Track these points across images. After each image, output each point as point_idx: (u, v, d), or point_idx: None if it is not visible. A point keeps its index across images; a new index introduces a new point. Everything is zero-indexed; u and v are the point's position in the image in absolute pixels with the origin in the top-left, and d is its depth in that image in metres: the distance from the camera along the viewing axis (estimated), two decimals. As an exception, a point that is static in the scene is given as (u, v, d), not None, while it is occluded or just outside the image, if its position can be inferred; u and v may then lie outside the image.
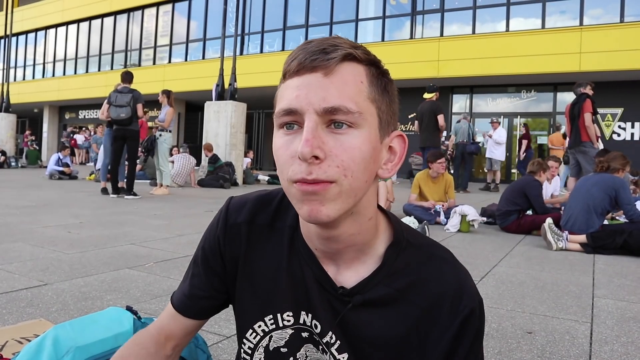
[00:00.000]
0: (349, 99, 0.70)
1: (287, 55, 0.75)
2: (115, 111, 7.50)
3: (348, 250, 0.81)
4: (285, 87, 0.73)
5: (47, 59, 27.85)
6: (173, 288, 2.69)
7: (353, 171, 0.70)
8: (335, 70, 0.70)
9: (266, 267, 0.89)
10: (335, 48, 0.71)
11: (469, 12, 16.04)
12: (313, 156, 0.68)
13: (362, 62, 0.73)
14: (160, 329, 0.96)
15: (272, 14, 19.99)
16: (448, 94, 16.80)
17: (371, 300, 0.82)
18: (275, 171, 7.26)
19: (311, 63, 0.70)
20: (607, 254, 4.32)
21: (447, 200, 6.16)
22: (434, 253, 0.85)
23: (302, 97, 0.70)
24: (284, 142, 0.73)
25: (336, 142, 0.70)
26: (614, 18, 14.11)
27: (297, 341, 0.88)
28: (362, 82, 0.72)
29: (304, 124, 0.70)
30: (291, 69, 0.72)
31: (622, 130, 14.60)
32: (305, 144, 0.67)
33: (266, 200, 0.93)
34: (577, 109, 6.82)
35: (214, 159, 11.15)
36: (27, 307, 2.25)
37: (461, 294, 0.81)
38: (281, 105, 0.72)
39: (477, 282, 3.14)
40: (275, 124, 0.75)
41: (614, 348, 2.07)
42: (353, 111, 0.70)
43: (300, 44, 0.77)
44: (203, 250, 0.94)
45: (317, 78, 0.70)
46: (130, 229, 4.65)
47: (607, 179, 4.71)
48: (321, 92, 0.69)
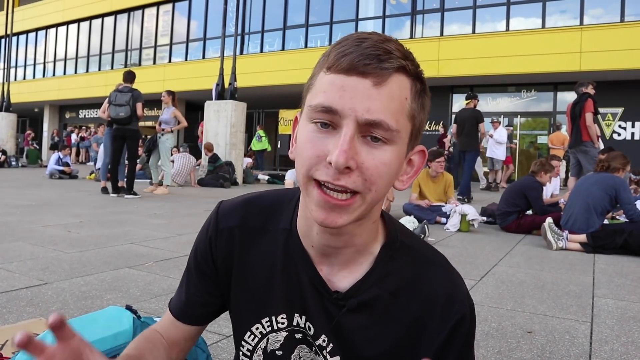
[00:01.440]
0: (392, 116, 0.69)
1: (335, 43, 0.73)
2: (114, 110, 7.50)
3: (346, 251, 0.81)
4: (329, 82, 0.70)
5: (48, 58, 27.85)
6: (173, 287, 2.69)
7: (378, 185, 0.71)
8: (385, 82, 0.68)
9: (260, 270, 0.89)
10: (389, 56, 0.69)
11: (469, 11, 16.03)
12: (346, 167, 0.67)
13: (410, 75, 0.72)
14: (163, 333, 0.96)
15: (272, 14, 19.98)
16: (448, 94, 16.79)
17: (364, 303, 0.82)
18: (275, 170, 7.28)
19: (364, 68, 0.67)
20: (607, 253, 4.32)
21: (447, 200, 6.16)
22: (427, 257, 0.86)
23: (346, 100, 0.68)
24: (313, 138, 0.71)
25: (368, 154, 0.69)
26: (615, 17, 14.10)
27: (291, 343, 0.88)
28: (406, 98, 0.71)
29: (342, 128, 0.68)
30: (340, 65, 0.69)
31: (622, 130, 14.59)
32: (341, 154, 0.66)
33: (256, 203, 0.92)
34: (578, 109, 6.81)
35: (214, 159, 11.15)
36: (27, 306, 2.25)
37: (453, 300, 0.81)
38: (320, 99, 0.70)
39: (477, 282, 3.14)
40: (306, 116, 0.73)
41: (614, 347, 2.07)
42: (392, 129, 0.69)
43: (346, 35, 0.74)
44: (195, 257, 0.93)
45: (366, 86, 0.68)
46: (130, 228, 4.65)
47: (607, 179, 4.70)
48: (367, 102, 0.67)
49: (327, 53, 0.73)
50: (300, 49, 18.87)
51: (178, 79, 20.94)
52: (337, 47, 0.71)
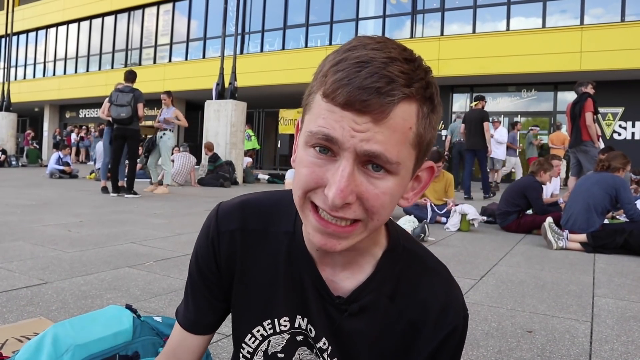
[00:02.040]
0: (393, 148, 0.65)
1: (332, 61, 0.67)
2: (115, 110, 7.50)
3: (349, 253, 0.82)
4: (327, 110, 0.66)
5: (48, 58, 27.87)
6: (173, 287, 2.69)
7: (380, 214, 0.70)
8: (387, 117, 0.64)
9: (263, 273, 0.88)
10: (392, 87, 0.63)
11: (469, 11, 16.03)
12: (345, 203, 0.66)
13: (417, 101, 0.67)
14: (174, 351, 0.95)
15: (272, 13, 19.99)
16: (448, 93, 16.80)
17: (365, 307, 0.83)
18: (275, 170, 7.28)
19: (361, 105, 0.63)
20: (608, 253, 4.31)
21: (447, 200, 6.15)
22: (428, 264, 0.86)
23: (345, 132, 0.64)
24: (312, 163, 0.68)
25: (369, 185, 0.67)
26: (615, 17, 14.10)
27: (292, 345, 0.89)
28: (410, 127, 0.67)
29: (341, 159, 0.66)
30: (337, 98, 0.64)
31: (622, 130, 14.60)
32: (337, 195, 0.64)
33: (255, 205, 0.91)
34: (578, 108, 6.81)
35: (214, 158, 11.15)
36: (27, 306, 2.25)
37: (448, 309, 0.82)
38: (318, 126, 0.66)
39: (477, 281, 3.14)
40: (305, 139, 0.69)
41: (614, 347, 2.07)
42: (392, 162, 0.66)
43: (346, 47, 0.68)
44: (197, 264, 0.92)
45: (365, 121, 0.64)
46: (130, 227, 4.65)
47: (607, 178, 4.70)
48: (366, 135, 0.64)
49: (325, 73, 0.67)
50: (301, 49, 18.87)
51: (178, 78, 20.95)
52: (334, 69, 0.66)
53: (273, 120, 21.14)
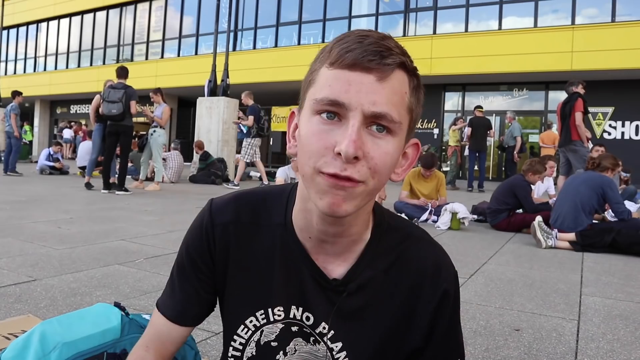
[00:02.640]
0: (395, 108, 0.72)
1: (336, 39, 0.75)
2: (107, 107, 7.46)
3: (342, 241, 0.84)
4: (333, 77, 0.72)
5: (39, 53, 27.63)
6: (163, 284, 2.68)
7: (380, 174, 0.74)
8: (388, 77, 0.72)
9: (257, 265, 0.90)
10: (391, 53, 0.72)
11: (461, 10, 16.07)
12: (354, 157, 0.70)
13: (408, 71, 0.75)
14: (152, 342, 0.94)
15: (265, 10, 19.93)
16: (440, 92, 16.84)
17: (362, 285, 0.87)
18: (267, 167, 7.26)
19: (368, 63, 0.70)
20: (596, 252, 4.35)
21: (439, 198, 6.16)
22: (411, 233, 0.92)
23: (352, 94, 0.70)
24: (320, 131, 0.72)
25: (374, 145, 0.72)
26: (606, 18, 14.20)
27: (287, 335, 0.90)
28: (406, 92, 0.75)
29: (348, 120, 0.71)
30: (344, 61, 0.71)
31: (612, 129, 14.71)
32: (350, 144, 0.69)
33: (247, 199, 0.93)
34: (568, 108, 6.85)
35: (204, 156, 11.10)
36: (15, 303, 2.24)
37: (439, 270, 0.88)
38: (326, 93, 0.72)
39: (466, 280, 3.16)
40: (310, 109, 0.74)
41: (600, 345, 2.10)
42: (396, 120, 0.72)
43: (347, 31, 0.77)
44: (188, 254, 0.93)
45: (370, 80, 0.70)
46: (120, 224, 4.63)
47: (595, 178, 4.74)
48: (372, 96, 0.70)
49: (329, 49, 0.75)
50: (293, 46, 18.85)
51: (170, 75, 20.86)
52: (339, 43, 0.74)
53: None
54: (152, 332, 0.96)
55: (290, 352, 0.90)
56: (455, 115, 15.44)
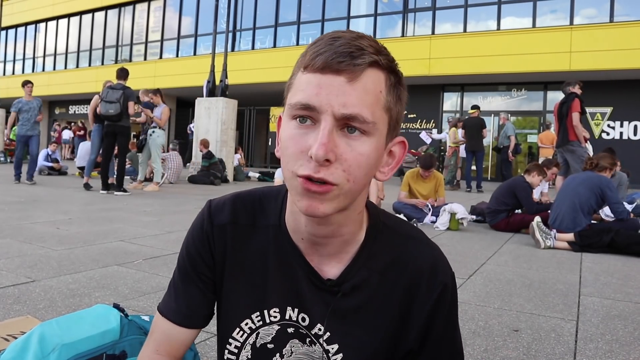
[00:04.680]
0: (367, 109, 0.71)
1: (309, 45, 0.75)
2: (104, 107, 7.47)
3: (334, 241, 0.84)
4: (306, 81, 0.72)
5: (37, 53, 27.58)
6: (162, 285, 2.68)
7: (356, 176, 0.73)
8: (359, 78, 0.71)
9: (253, 266, 0.90)
10: (362, 53, 0.71)
11: (460, 10, 16.08)
12: (325, 159, 0.70)
13: (384, 69, 0.74)
14: (162, 345, 0.94)
15: (263, 11, 19.93)
16: (439, 92, 16.85)
17: (357, 285, 0.86)
18: (266, 168, 7.26)
19: (337, 65, 0.70)
20: (595, 252, 4.36)
21: (437, 198, 6.17)
22: (407, 233, 0.91)
23: (322, 97, 0.70)
24: (295, 135, 0.73)
25: (347, 146, 0.72)
26: (604, 18, 14.22)
27: (283, 337, 0.89)
28: (381, 91, 0.74)
29: (320, 123, 0.71)
30: (315, 64, 0.71)
31: (610, 129, 14.73)
32: (320, 147, 0.69)
33: (245, 200, 0.93)
34: (565, 108, 6.86)
35: (209, 155, 11.08)
36: (14, 304, 2.24)
37: (436, 271, 0.87)
38: (298, 97, 0.72)
39: (465, 280, 3.16)
40: (287, 114, 0.75)
41: (598, 345, 2.10)
42: (368, 121, 0.71)
43: (320, 35, 0.77)
44: (190, 256, 0.92)
45: (340, 82, 0.70)
46: (119, 225, 4.63)
47: (593, 178, 4.75)
48: (342, 97, 0.70)
49: (304, 53, 0.75)
50: (292, 47, 18.85)
51: (169, 75, 20.84)
52: (312, 47, 0.74)
53: (264, 118, 21.10)
54: (159, 336, 0.94)
55: (286, 354, 0.89)
56: (453, 115, 15.48)
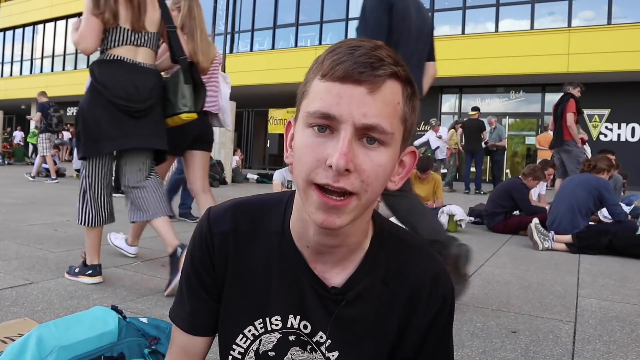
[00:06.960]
0: (386, 119, 0.72)
1: (328, 50, 0.75)
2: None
3: (340, 250, 0.84)
4: (325, 90, 0.72)
5: (35, 55, 27.55)
6: (160, 287, 2.68)
7: (374, 187, 0.74)
8: (379, 89, 0.71)
9: (256, 274, 0.90)
10: (382, 64, 0.72)
11: (458, 12, 16.12)
12: (345, 169, 0.70)
13: (402, 81, 0.75)
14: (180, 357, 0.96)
15: (262, 12, 19.94)
16: (437, 94, 16.87)
17: (360, 294, 0.86)
18: (264, 170, 7.23)
19: (358, 76, 0.70)
20: (592, 254, 4.36)
21: (435, 200, 6.17)
22: (412, 244, 0.92)
23: (343, 107, 0.70)
24: (312, 143, 0.73)
25: (365, 157, 0.72)
26: (602, 20, 14.26)
27: (284, 345, 0.89)
28: (398, 102, 0.74)
29: (339, 132, 0.71)
30: (334, 73, 0.71)
31: (608, 131, 14.77)
32: (341, 157, 0.69)
33: (245, 207, 0.93)
34: (560, 109, 6.88)
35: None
36: (12, 306, 2.24)
37: (437, 283, 0.88)
38: (317, 106, 0.72)
39: (463, 282, 3.16)
40: (303, 121, 0.75)
41: (596, 347, 2.10)
42: (387, 132, 0.72)
43: (339, 40, 0.77)
44: (193, 265, 0.93)
45: (361, 92, 0.70)
46: (117, 227, 4.61)
47: (591, 180, 4.76)
48: (363, 108, 0.70)
49: (321, 60, 0.75)
50: (290, 48, 18.86)
51: (167, 76, 20.80)
52: (330, 55, 0.74)
53: (262, 119, 21.09)
54: (176, 349, 0.97)
55: None
56: (452, 117, 15.50)
